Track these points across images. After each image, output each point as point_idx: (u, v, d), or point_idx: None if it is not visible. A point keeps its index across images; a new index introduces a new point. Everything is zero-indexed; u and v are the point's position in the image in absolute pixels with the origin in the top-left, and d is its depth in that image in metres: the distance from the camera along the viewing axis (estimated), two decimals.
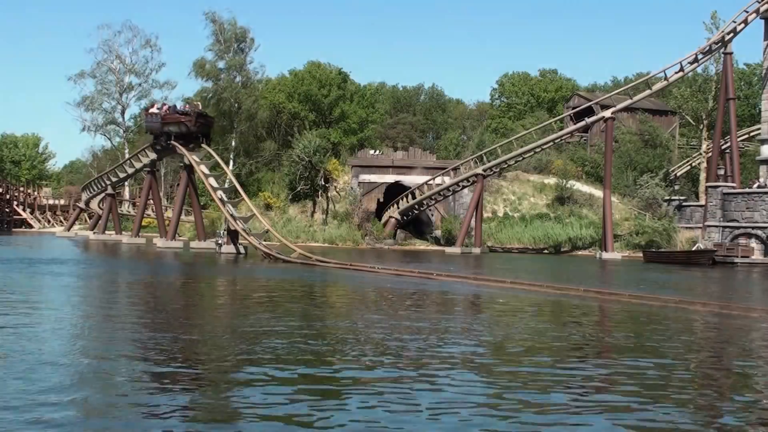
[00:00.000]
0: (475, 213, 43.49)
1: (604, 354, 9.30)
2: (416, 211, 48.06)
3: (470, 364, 8.30)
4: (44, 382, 6.76)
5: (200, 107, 40.24)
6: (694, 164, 55.99)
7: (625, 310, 14.13)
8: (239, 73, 60.61)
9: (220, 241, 35.16)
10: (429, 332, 10.52)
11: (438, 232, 49.20)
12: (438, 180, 47.26)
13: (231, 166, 55.33)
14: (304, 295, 16.46)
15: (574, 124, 51.56)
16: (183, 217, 45.32)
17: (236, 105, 59.87)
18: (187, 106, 39.80)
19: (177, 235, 42.48)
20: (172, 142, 37.74)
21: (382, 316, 12.42)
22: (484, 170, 44.41)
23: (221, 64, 60.40)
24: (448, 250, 42.83)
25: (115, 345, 8.96)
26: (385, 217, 48.81)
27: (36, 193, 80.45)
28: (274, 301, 14.58)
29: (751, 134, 52.39)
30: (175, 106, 39.52)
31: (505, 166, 46.83)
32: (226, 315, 12.51)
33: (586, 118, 45.76)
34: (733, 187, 39.41)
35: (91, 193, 54.54)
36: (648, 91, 42.45)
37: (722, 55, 42.77)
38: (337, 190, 51.32)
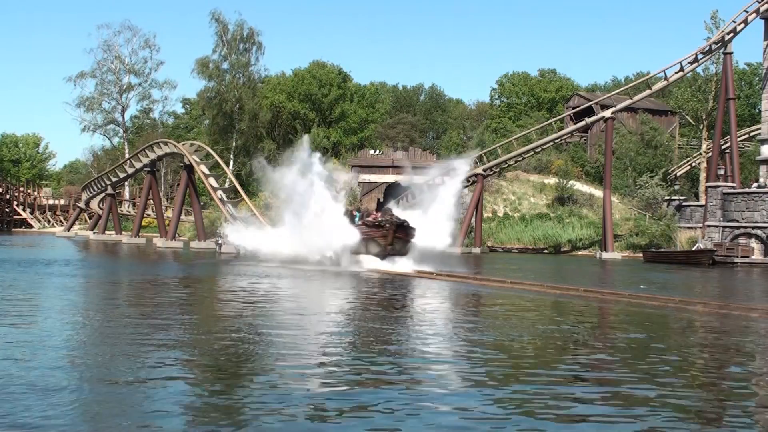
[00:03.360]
0: (475, 213, 43.51)
1: (602, 355, 9.29)
2: None
3: (470, 364, 8.29)
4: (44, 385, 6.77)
5: (392, 213, 24.92)
6: (694, 164, 55.99)
7: (625, 311, 14.13)
8: (242, 74, 60.57)
9: (220, 241, 35.20)
10: (430, 333, 10.52)
11: None
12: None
13: (231, 166, 55.35)
14: (298, 294, 16.43)
15: (574, 124, 51.55)
16: (183, 217, 45.35)
17: (237, 105, 59.86)
18: (371, 213, 26.44)
19: (177, 235, 42.53)
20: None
21: (382, 316, 12.42)
22: (484, 170, 44.42)
23: (225, 65, 60.37)
24: (448, 249, 42.79)
25: (116, 349, 8.95)
26: None
27: (36, 193, 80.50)
28: (273, 302, 14.61)
29: (751, 134, 52.38)
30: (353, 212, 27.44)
31: (505, 166, 46.84)
32: (227, 315, 12.50)
33: (586, 118, 45.77)
34: (733, 187, 39.41)
35: (91, 193, 54.59)
36: (648, 91, 42.47)
37: (722, 55, 42.77)
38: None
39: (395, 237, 23.99)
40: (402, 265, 23.68)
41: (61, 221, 72.85)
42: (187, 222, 50.95)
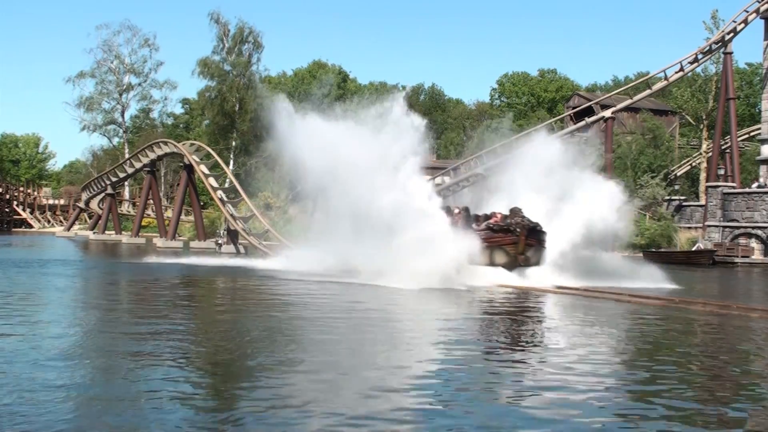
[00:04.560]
0: None
1: (602, 355, 9.27)
2: None
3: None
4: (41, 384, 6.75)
5: (522, 215, 20.14)
6: (694, 164, 55.96)
7: (624, 311, 14.09)
8: (243, 75, 60.43)
9: (220, 241, 35.29)
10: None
11: None
12: (438, 180, 47.26)
13: (231, 166, 55.29)
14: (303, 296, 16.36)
15: (575, 124, 51.52)
16: (183, 216, 45.34)
17: (237, 105, 59.76)
18: (496, 217, 20.86)
19: (177, 235, 42.51)
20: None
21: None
22: (485, 170, 44.39)
23: (225, 65, 60.20)
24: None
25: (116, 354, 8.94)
26: None
27: (36, 193, 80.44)
28: (275, 304, 14.59)
29: (752, 134, 52.37)
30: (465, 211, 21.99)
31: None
32: (232, 316, 12.47)
33: (586, 118, 45.75)
34: (733, 187, 39.40)
35: (91, 193, 54.60)
36: (648, 91, 42.49)
37: (722, 54, 42.76)
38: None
39: (526, 243, 19.61)
40: (537, 278, 19.07)
41: (61, 221, 72.78)
42: (187, 222, 50.93)
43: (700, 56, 41.82)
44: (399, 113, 20.60)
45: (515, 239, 19.41)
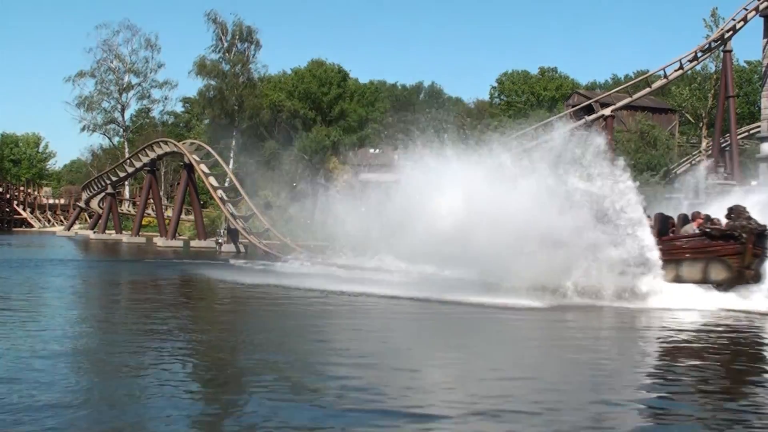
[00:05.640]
0: None
1: (603, 356, 9.28)
2: None
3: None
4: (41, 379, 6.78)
5: (748, 216, 15.08)
6: (694, 162, 55.94)
7: (625, 311, 14.09)
8: (242, 73, 60.40)
9: (220, 240, 35.39)
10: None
11: None
12: None
13: (231, 165, 55.29)
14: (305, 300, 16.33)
15: (574, 122, 51.52)
16: (183, 216, 45.38)
17: (237, 105, 59.74)
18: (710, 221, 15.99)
19: (177, 234, 42.55)
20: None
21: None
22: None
23: (224, 64, 60.16)
24: None
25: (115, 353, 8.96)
26: None
27: (36, 192, 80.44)
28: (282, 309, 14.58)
29: (751, 132, 52.37)
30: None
31: None
32: (235, 319, 12.49)
33: (585, 117, 45.75)
34: (733, 185, 39.42)
35: (91, 192, 54.63)
36: (648, 89, 42.50)
37: (722, 52, 42.76)
38: (338, 189, 51.28)
39: (753, 254, 14.74)
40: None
41: (61, 221, 72.76)
42: (187, 221, 50.97)
43: (699, 54, 41.81)
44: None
45: (740, 248, 14.66)
